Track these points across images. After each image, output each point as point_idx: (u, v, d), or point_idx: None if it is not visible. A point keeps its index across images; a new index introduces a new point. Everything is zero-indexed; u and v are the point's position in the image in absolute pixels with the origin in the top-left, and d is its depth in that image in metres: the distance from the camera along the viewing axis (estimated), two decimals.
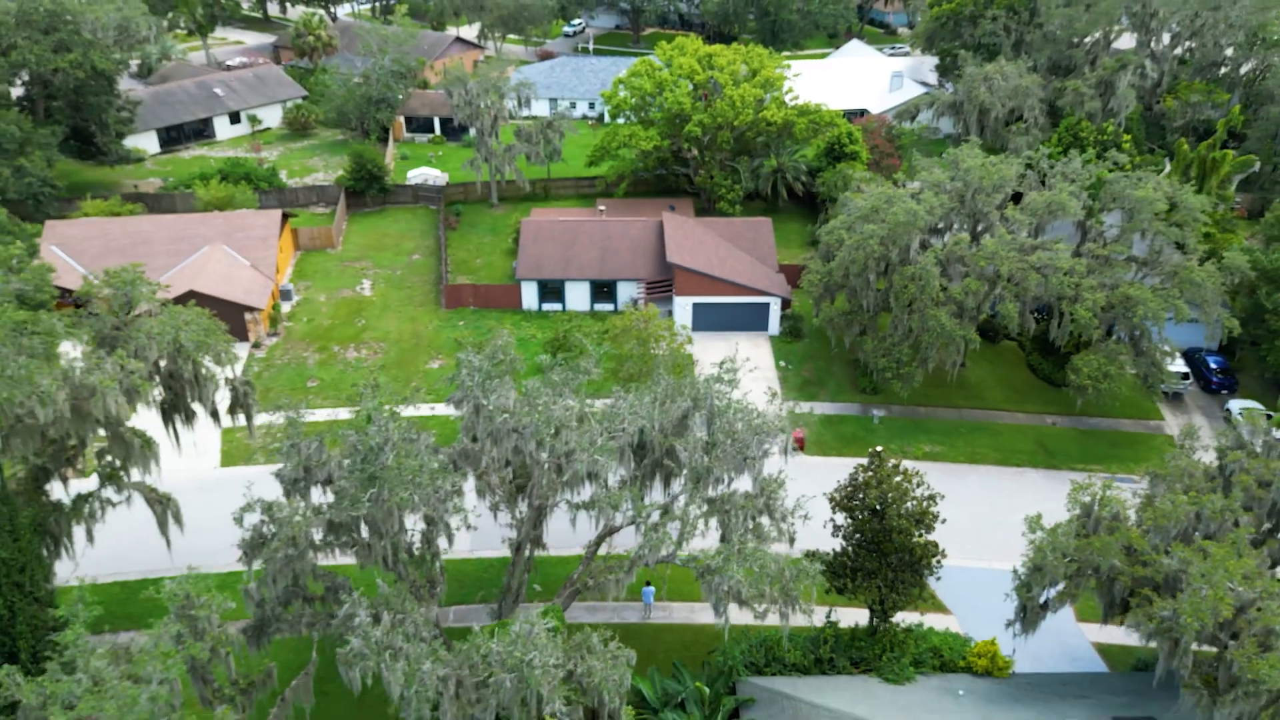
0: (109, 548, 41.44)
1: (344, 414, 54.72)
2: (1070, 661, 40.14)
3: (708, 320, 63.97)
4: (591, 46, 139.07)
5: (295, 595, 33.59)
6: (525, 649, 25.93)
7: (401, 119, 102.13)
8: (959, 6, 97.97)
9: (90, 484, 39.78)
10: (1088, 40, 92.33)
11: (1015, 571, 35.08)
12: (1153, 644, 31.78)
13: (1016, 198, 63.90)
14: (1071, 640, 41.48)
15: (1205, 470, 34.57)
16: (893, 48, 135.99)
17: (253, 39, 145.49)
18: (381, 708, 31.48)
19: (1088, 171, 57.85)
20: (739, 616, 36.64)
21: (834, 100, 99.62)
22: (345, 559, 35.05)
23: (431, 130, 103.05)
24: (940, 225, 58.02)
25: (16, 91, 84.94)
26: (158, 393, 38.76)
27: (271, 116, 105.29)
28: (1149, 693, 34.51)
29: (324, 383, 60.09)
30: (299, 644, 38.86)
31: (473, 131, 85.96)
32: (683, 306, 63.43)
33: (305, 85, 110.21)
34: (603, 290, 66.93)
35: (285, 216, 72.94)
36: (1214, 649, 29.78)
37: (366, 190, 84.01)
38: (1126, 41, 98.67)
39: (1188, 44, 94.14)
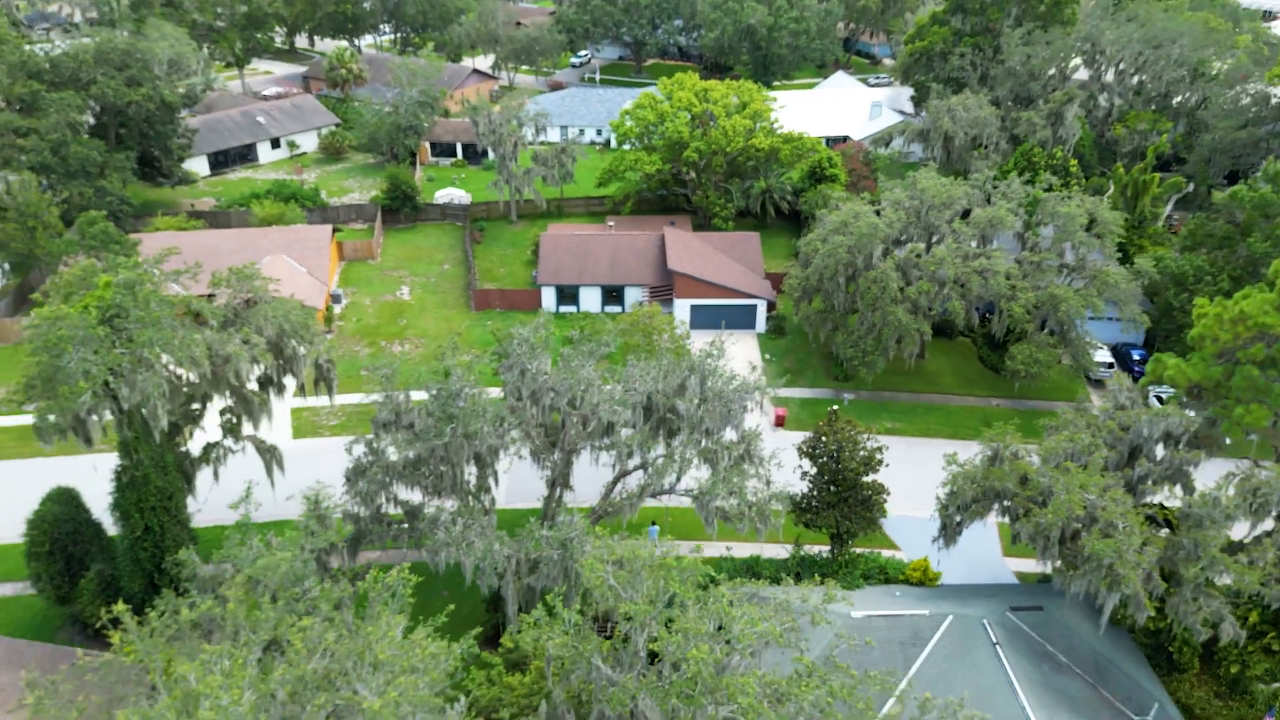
0: (218, 499, 51.36)
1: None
2: (991, 580, 49.98)
3: (703, 319, 74.07)
4: (598, 77, 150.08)
5: (380, 519, 43.48)
6: (568, 531, 35.80)
7: (427, 144, 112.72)
8: (930, 44, 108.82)
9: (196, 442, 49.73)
10: (1045, 74, 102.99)
11: (938, 498, 45.03)
12: (1049, 565, 41.63)
13: (968, 214, 74.07)
14: (995, 567, 51.34)
15: (1089, 421, 44.54)
16: (877, 77, 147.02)
17: (281, 69, 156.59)
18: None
19: (1024, 191, 68.20)
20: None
21: (819, 127, 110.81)
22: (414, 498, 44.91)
23: (454, 154, 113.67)
24: (900, 237, 68.09)
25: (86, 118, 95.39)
26: (259, 367, 48.71)
27: (308, 142, 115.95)
28: (1042, 594, 44.38)
29: (374, 372, 70.03)
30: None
31: (493, 155, 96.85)
32: (682, 307, 73.64)
33: (337, 113, 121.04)
34: (612, 294, 77.18)
35: (333, 231, 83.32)
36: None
37: (400, 208, 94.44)
38: (1086, 73, 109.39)
39: (1135, 78, 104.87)
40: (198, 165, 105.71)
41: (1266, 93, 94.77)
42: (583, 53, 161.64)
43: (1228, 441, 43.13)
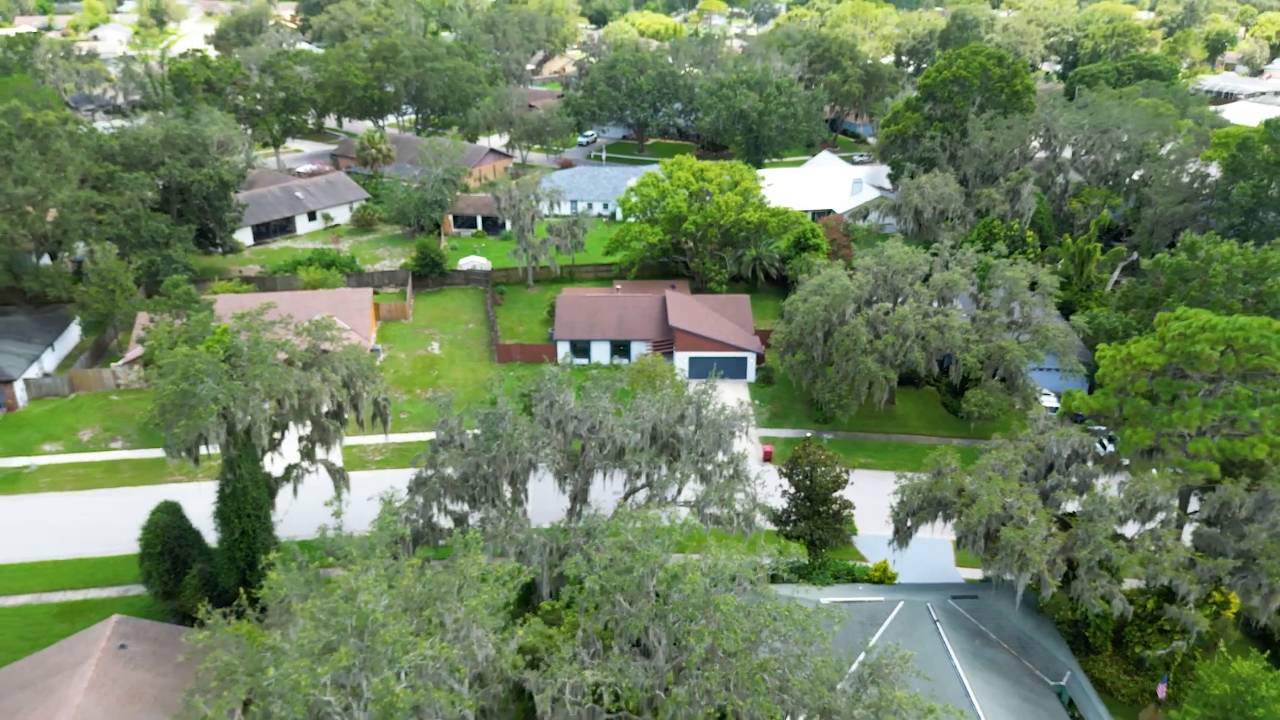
0: (295, 515, 60.74)
1: (428, 435, 74.33)
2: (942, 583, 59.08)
3: (700, 370, 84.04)
4: (604, 155, 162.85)
5: (432, 526, 52.89)
6: (592, 523, 45.25)
7: (450, 217, 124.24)
8: (904, 128, 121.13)
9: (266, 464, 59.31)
10: (1006, 155, 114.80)
11: (891, 506, 54.45)
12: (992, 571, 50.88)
13: (929, 277, 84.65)
14: (948, 574, 60.41)
15: (1014, 443, 54.16)
16: (860, 155, 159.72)
17: (310, 147, 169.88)
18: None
19: (977, 259, 78.90)
20: None
21: (806, 201, 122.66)
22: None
23: (474, 226, 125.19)
24: (870, 297, 78.48)
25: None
26: (332, 401, 58.56)
27: (341, 215, 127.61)
28: (981, 591, 53.60)
29: (411, 415, 79.99)
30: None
31: (511, 227, 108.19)
32: (681, 359, 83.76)
33: (367, 189, 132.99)
34: (619, 348, 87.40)
35: (372, 293, 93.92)
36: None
37: (429, 274, 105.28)
38: (1044, 154, 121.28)
39: (1088, 158, 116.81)
40: (243, 235, 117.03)
41: (1203, 172, 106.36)
42: (589, 133, 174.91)
43: (1125, 462, 52.77)
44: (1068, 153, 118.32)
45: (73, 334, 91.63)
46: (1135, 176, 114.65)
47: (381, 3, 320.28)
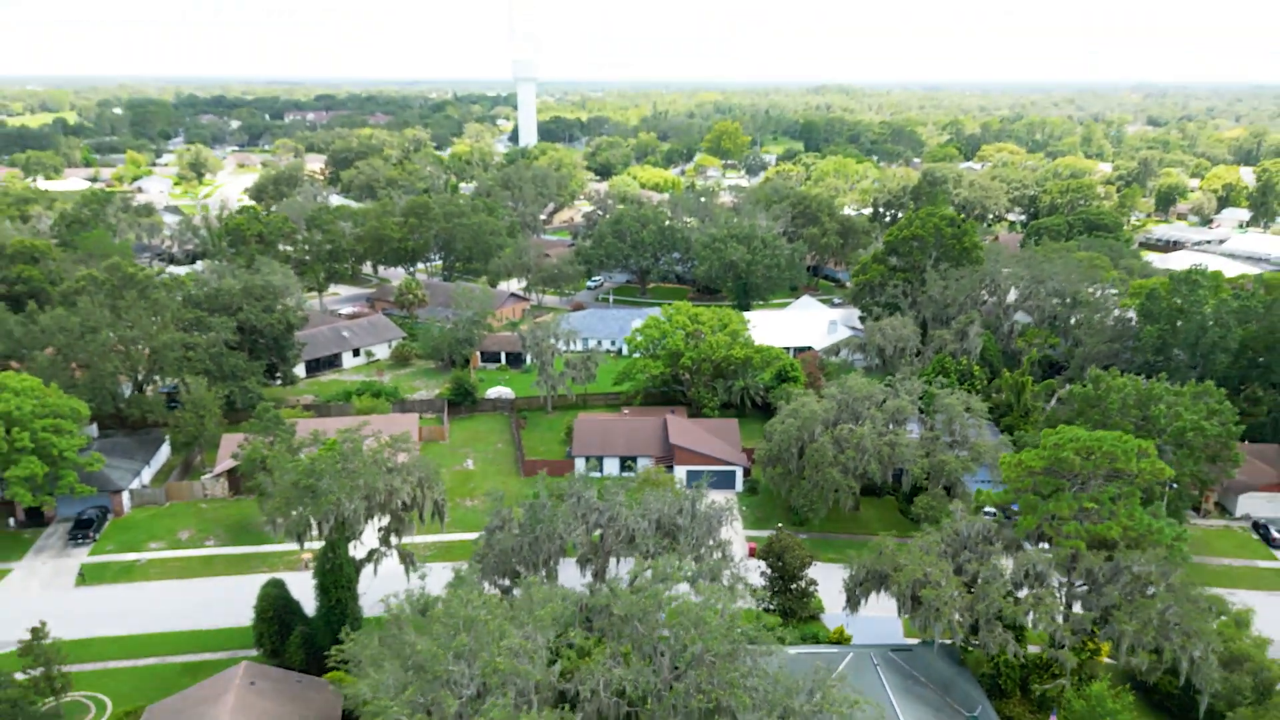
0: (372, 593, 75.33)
1: (471, 535, 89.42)
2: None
3: (696, 481, 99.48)
4: (611, 298, 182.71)
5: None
6: (613, 585, 60.22)
7: (478, 353, 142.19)
8: (871, 277, 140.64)
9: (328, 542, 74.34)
10: (958, 301, 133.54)
11: (843, 580, 69.25)
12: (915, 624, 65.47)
13: (884, 403, 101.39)
14: (894, 638, 74.57)
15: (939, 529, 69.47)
16: (838, 299, 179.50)
17: (347, 291, 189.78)
18: None
19: (922, 388, 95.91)
20: None
21: (788, 339, 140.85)
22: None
23: (499, 360, 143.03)
24: (835, 419, 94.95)
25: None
26: (406, 498, 74.05)
27: (381, 351, 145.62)
28: (918, 648, 67.98)
29: (454, 519, 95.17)
30: None
31: (530, 361, 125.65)
32: (680, 471, 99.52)
33: (404, 329, 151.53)
34: (627, 463, 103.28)
35: (417, 419, 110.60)
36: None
37: (462, 402, 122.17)
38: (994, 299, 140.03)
39: (1029, 303, 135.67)
40: (298, 369, 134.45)
41: (1125, 316, 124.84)
42: (597, 278, 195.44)
43: (1025, 544, 67.98)
44: (1013, 296, 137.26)
45: (163, 452, 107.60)
46: (1072, 320, 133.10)
47: (404, 157, 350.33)
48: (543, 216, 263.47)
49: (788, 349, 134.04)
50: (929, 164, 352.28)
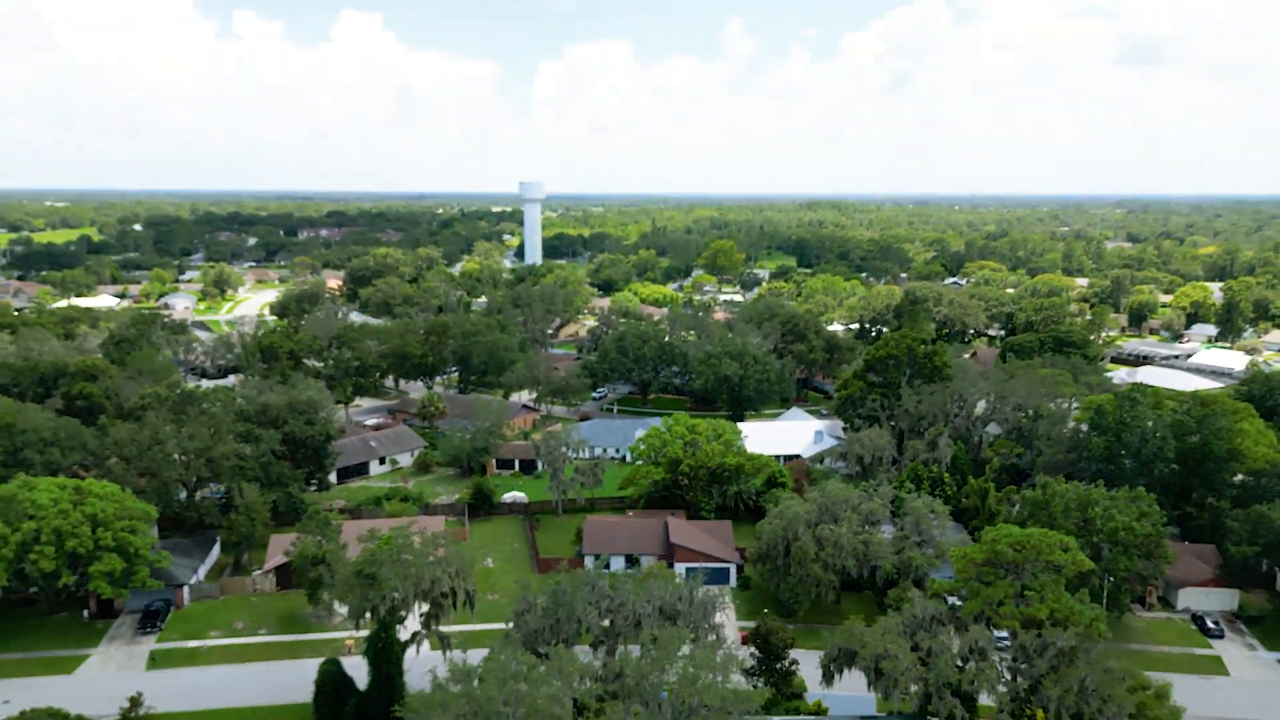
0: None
1: (494, 625, 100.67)
2: None
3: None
4: (615, 409, 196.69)
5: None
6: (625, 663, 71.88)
7: (494, 460, 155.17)
8: (852, 392, 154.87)
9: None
10: (930, 414, 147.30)
11: (819, 657, 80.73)
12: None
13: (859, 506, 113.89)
14: (869, 711, 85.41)
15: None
16: (824, 411, 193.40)
17: (369, 403, 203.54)
18: None
19: (892, 493, 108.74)
20: None
21: (778, 447, 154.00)
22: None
23: (513, 467, 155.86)
24: (816, 521, 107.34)
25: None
26: (445, 587, 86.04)
27: (405, 459, 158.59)
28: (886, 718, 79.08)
29: (479, 611, 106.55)
30: None
31: (543, 467, 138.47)
32: (680, 568, 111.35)
33: (425, 438, 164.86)
34: (632, 560, 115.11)
35: (443, 521, 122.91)
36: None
37: (480, 506, 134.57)
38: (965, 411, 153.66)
39: (995, 416, 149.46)
40: (330, 476, 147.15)
41: (1079, 429, 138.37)
42: (601, 389, 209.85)
43: (971, 622, 79.68)
44: (981, 408, 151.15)
45: (214, 552, 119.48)
46: (1036, 431, 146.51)
47: (418, 274, 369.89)
48: (549, 331, 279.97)
49: (777, 456, 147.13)
50: (914, 281, 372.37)
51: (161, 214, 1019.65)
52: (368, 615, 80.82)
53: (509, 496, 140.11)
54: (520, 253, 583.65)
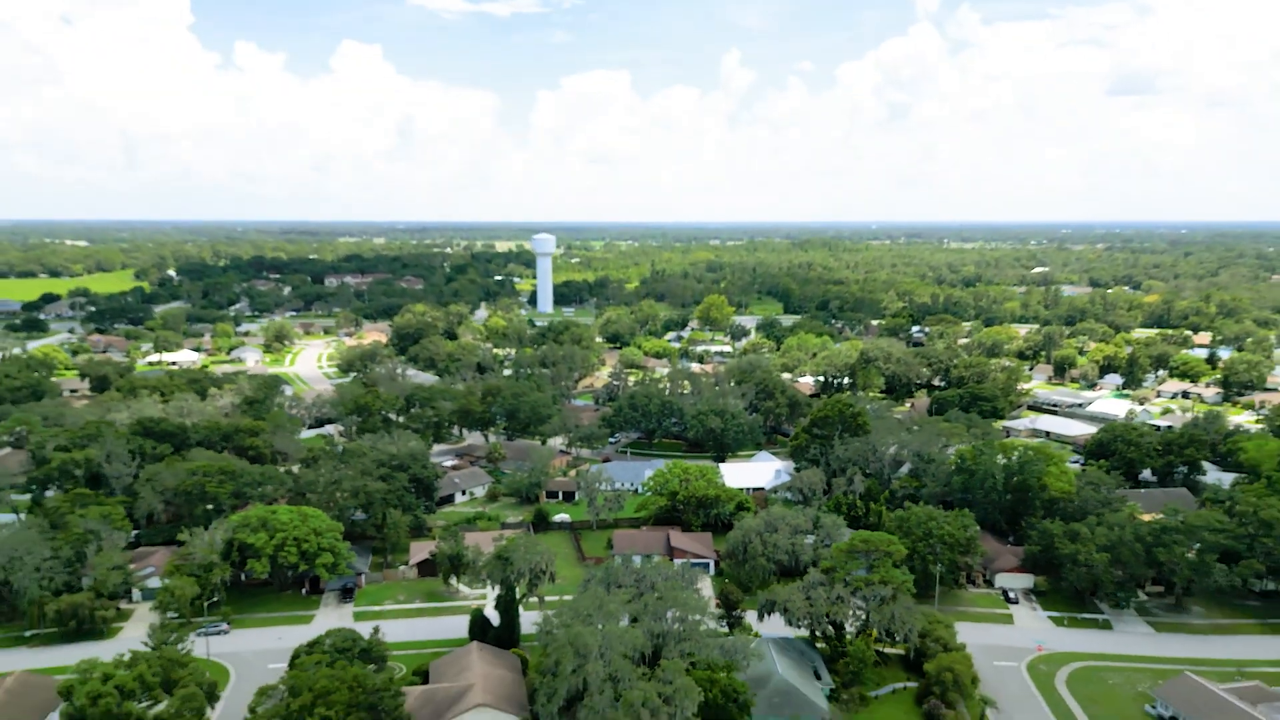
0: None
1: (565, 596, 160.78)
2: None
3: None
4: (628, 452, 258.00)
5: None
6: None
7: (544, 491, 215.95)
8: (800, 442, 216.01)
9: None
10: (852, 458, 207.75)
11: (757, 609, 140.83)
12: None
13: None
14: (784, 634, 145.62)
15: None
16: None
17: (438, 448, 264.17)
18: None
19: (814, 513, 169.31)
20: None
21: (747, 481, 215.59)
22: None
23: (556, 497, 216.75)
24: (763, 530, 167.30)
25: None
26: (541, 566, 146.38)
27: (479, 491, 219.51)
28: (792, 639, 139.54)
29: (548, 588, 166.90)
30: None
31: (580, 496, 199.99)
32: (677, 563, 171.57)
33: (493, 476, 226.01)
34: (647, 558, 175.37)
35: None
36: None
37: (538, 524, 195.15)
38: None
39: (899, 458, 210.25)
40: (434, 503, 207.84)
41: (947, 469, 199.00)
42: (615, 436, 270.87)
43: (838, 583, 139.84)
44: (892, 451, 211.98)
45: (368, 555, 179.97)
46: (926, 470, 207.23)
47: (450, 328, 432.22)
48: (570, 384, 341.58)
49: (747, 489, 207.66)
50: (881, 333, 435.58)
51: (186, 256, 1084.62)
52: (498, 585, 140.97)
53: (558, 517, 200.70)
54: (533, 299, 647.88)
